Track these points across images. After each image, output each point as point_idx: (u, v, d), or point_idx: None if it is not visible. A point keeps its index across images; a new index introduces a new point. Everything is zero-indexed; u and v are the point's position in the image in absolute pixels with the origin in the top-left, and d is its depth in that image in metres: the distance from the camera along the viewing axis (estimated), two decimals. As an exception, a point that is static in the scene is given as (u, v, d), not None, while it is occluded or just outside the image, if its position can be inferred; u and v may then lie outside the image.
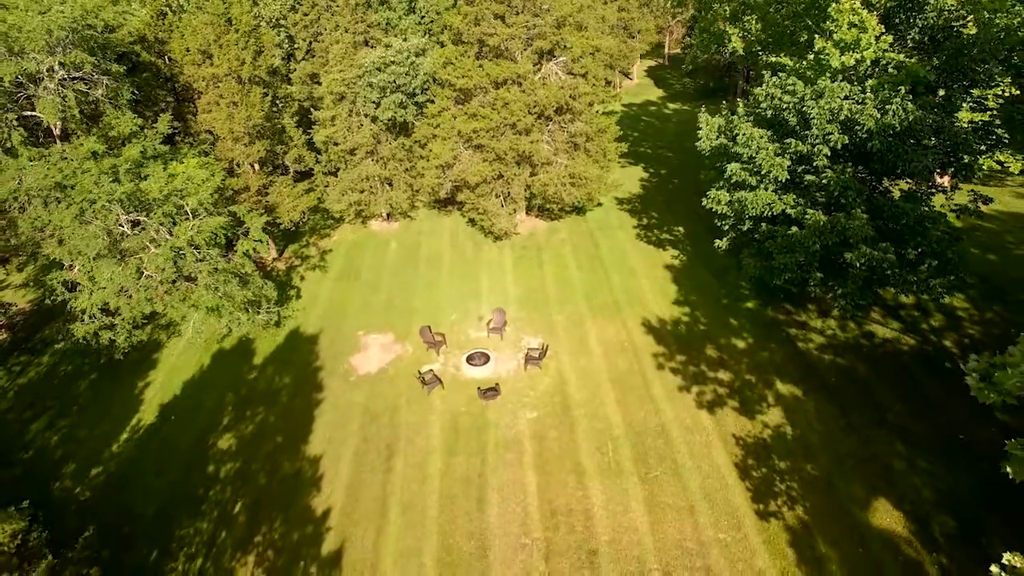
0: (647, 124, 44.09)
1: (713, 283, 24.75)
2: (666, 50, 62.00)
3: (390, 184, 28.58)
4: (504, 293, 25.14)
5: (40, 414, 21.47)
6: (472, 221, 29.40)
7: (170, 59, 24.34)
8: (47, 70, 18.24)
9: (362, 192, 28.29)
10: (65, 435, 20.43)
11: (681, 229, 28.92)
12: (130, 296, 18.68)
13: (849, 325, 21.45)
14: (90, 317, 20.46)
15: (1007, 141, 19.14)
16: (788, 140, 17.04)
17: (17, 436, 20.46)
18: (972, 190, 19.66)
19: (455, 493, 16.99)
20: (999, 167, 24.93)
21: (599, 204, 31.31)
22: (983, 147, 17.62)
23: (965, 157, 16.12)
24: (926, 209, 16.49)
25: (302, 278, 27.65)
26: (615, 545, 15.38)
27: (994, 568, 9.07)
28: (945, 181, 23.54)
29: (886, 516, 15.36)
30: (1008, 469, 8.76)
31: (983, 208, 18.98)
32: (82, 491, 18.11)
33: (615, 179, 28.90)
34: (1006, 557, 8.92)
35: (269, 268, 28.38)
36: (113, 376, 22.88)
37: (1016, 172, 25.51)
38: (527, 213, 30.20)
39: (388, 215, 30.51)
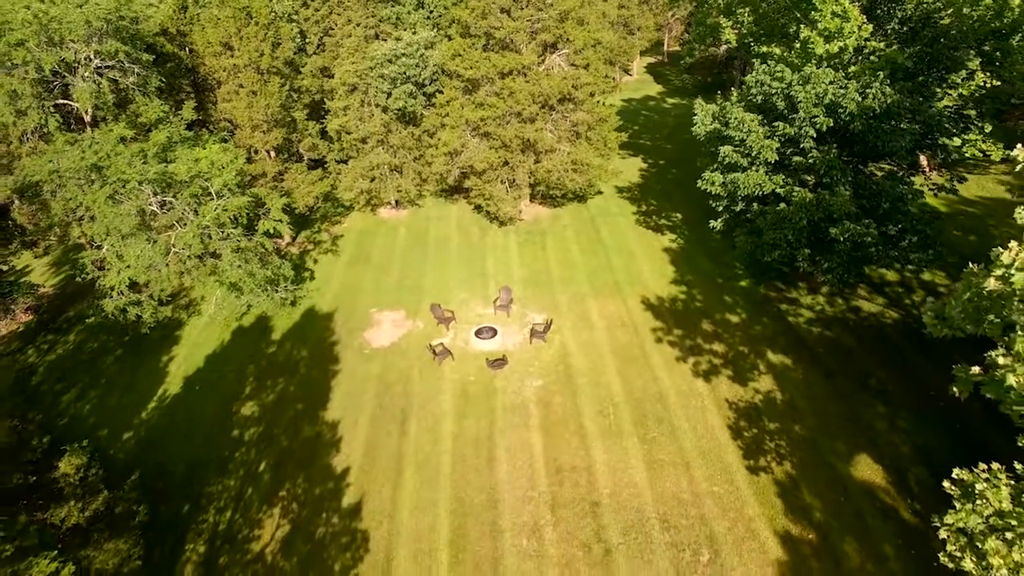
0: (646, 118, 45.34)
1: (709, 264, 25.97)
2: (665, 47, 63.29)
3: (399, 172, 29.80)
4: (509, 274, 26.34)
5: (71, 386, 22.67)
6: (478, 207, 30.62)
7: (191, 51, 25.56)
8: (84, 59, 19.46)
9: (372, 180, 29.49)
10: (96, 405, 21.61)
11: (679, 215, 30.14)
12: (159, 270, 19.85)
13: (837, 301, 22.67)
14: (118, 293, 21.67)
15: (978, 125, 20.29)
16: (777, 123, 18.28)
17: (51, 406, 21.64)
18: (950, 171, 20.88)
19: (466, 452, 18.19)
20: (981, 155, 26.17)
21: (600, 192, 32.54)
22: (955, 130, 18.78)
23: (940, 138, 17.35)
24: (904, 187, 17.70)
25: (315, 261, 28.85)
26: (616, 497, 16.56)
27: (946, 483, 10.24)
28: (926, 164, 24.73)
29: (867, 469, 16.57)
30: (955, 389, 9.91)
31: (958, 187, 20.18)
32: (116, 453, 19.30)
33: (615, 167, 30.11)
34: (955, 472, 10.09)
35: (283, 253, 29.53)
36: (137, 352, 24.06)
37: (998, 160, 26.75)
38: (531, 200, 31.41)
39: (396, 202, 31.73)
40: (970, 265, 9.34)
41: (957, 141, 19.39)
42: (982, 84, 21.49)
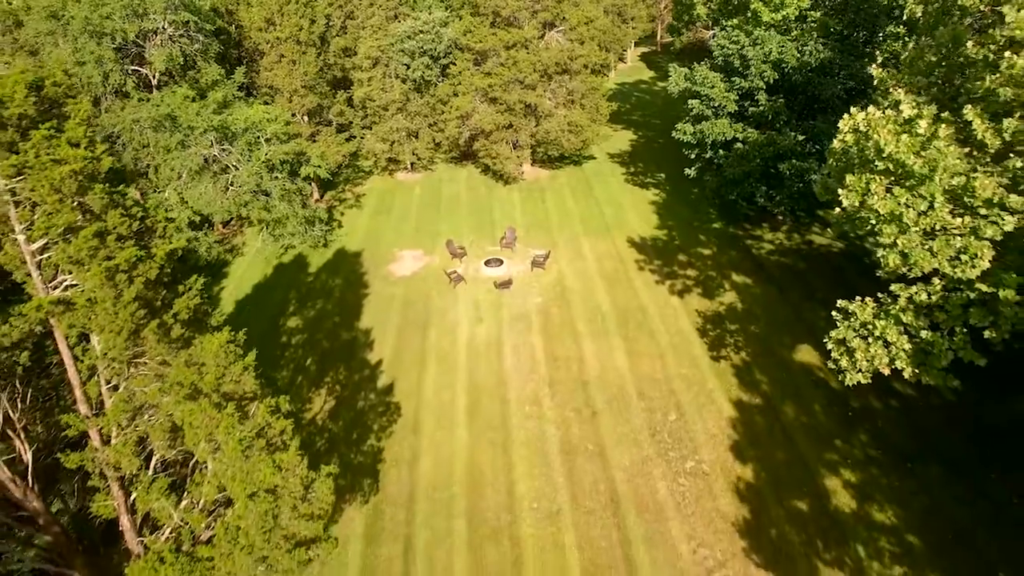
0: (638, 98, 49.24)
1: (687, 212, 29.76)
2: (658, 38, 67.25)
3: (416, 136, 33.64)
4: (513, 221, 30.11)
5: (138, 310, 26.44)
6: (485, 169, 34.43)
7: (238, 26, 29.43)
8: (160, 28, 23.33)
9: (392, 144, 33.33)
10: (162, 322, 25.37)
11: (663, 175, 33.95)
12: (221, 203, 23.65)
13: (794, 236, 26.44)
14: (178, 230, 25.45)
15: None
16: (734, 79, 22.03)
17: (124, 322, 25.41)
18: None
19: (479, 349, 21.94)
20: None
21: (593, 157, 36.36)
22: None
23: (870, 91, 21.01)
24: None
25: (342, 214, 32.63)
26: (602, 379, 20.31)
27: (834, 312, 13.94)
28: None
29: (806, 354, 20.33)
30: (830, 231, 13.62)
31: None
32: (185, 353, 23.05)
33: (606, 132, 33.92)
34: (839, 303, 13.78)
35: (313, 208, 33.32)
36: (192, 285, 27.81)
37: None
38: (532, 164, 35.22)
39: (412, 165, 35.55)
40: (834, 143, 13.01)
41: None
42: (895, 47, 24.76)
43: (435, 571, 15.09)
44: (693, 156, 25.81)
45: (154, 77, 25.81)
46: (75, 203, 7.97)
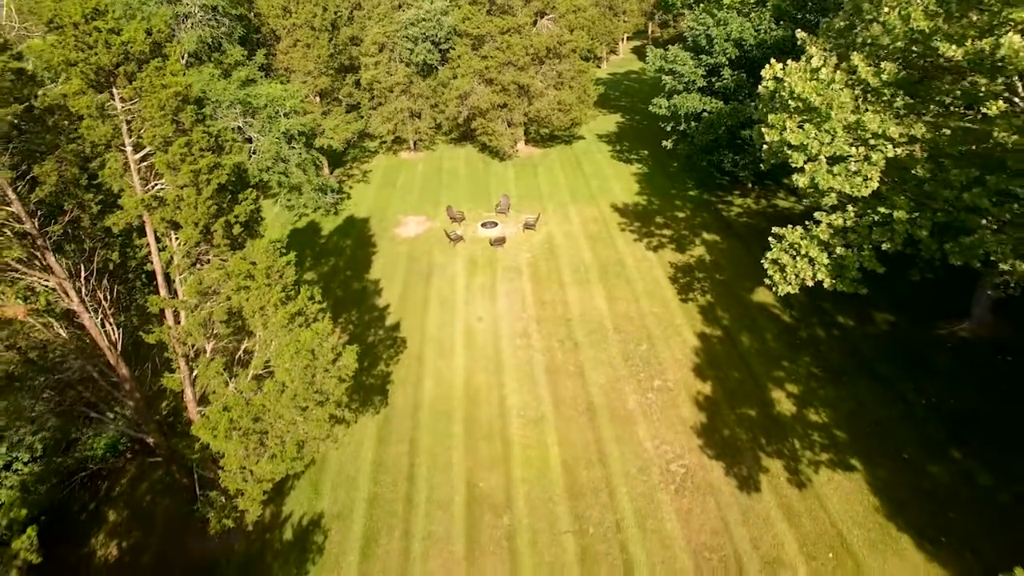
0: (627, 87, 52.10)
1: (667, 183, 32.59)
2: (649, 33, 70.10)
3: (418, 117, 36.46)
4: (507, 191, 32.92)
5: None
6: (483, 147, 37.24)
7: (257, 14, 32.28)
8: (191, 12, 26.17)
9: (396, 124, 36.15)
10: (191, 278, 28.20)
11: (646, 152, 36.78)
12: (245, 170, 26.43)
13: (761, 201, 29.26)
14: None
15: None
16: (702, 56, 24.83)
17: (157, 278, 28.22)
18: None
19: (475, 295, 24.74)
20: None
21: (583, 138, 39.19)
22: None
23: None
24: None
25: (351, 188, 35.47)
26: (583, 317, 23.09)
27: (770, 237, 16.70)
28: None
29: (764, 295, 23.07)
30: (762, 166, 16.42)
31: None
32: (214, 301, 25.85)
33: (594, 112, 36.78)
34: (774, 229, 16.54)
35: (325, 177, 36.09)
36: (215, 249, 30.62)
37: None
38: (526, 143, 38.02)
39: (415, 144, 38.36)
40: (759, 88, 15.77)
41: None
42: None
43: (437, 464, 17.86)
44: (669, 128, 28.63)
45: (183, 58, 28.59)
46: (172, 120, 10.70)
